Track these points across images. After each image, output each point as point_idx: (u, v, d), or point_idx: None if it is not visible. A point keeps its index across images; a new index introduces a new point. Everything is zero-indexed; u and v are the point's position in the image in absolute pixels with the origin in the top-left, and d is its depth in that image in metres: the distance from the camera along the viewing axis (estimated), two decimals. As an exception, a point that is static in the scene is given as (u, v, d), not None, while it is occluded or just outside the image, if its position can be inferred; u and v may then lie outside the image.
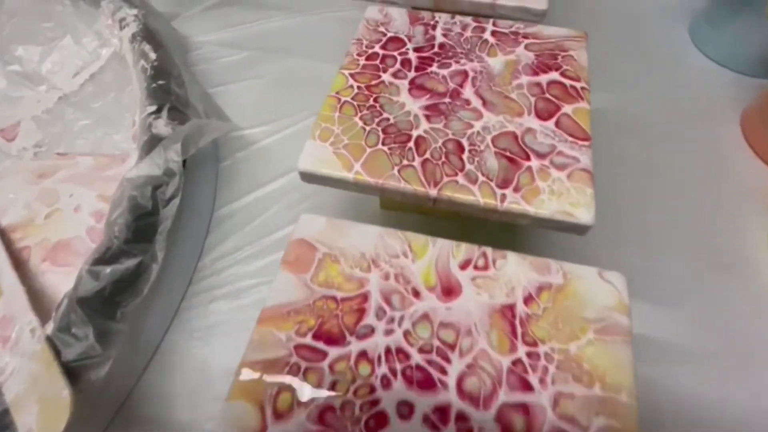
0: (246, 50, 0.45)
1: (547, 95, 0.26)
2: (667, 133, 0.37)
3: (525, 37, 0.29)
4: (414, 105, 0.26)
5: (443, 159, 0.23)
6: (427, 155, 0.24)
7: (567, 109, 0.25)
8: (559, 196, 0.22)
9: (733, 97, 0.40)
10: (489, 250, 0.20)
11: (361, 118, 0.25)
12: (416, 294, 0.19)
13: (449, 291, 0.19)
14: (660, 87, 0.41)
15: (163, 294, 0.29)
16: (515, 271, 0.19)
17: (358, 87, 0.27)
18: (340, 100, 0.26)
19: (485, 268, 0.20)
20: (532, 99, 0.26)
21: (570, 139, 0.24)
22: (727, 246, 0.32)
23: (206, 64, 0.44)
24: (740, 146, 0.37)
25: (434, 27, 0.30)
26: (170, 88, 0.34)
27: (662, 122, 0.38)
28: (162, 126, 0.30)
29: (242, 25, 0.47)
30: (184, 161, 0.30)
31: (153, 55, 0.35)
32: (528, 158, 0.23)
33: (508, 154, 0.23)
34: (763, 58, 0.40)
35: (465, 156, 0.23)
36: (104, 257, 0.25)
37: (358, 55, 0.29)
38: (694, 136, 0.37)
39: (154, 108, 0.31)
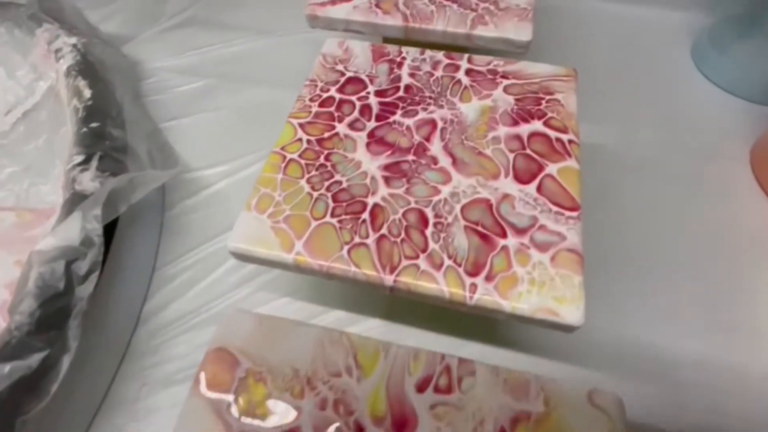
0: (204, 78, 0.41)
1: (529, 151, 0.22)
2: (667, 172, 0.33)
3: (504, 76, 0.25)
4: (372, 164, 0.22)
5: (403, 235, 0.20)
6: (384, 230, 0.20)
7: (551, 168, 0.21)
8: (540, 286, 0.18)
9: (741, 128, 0.36)
10: (454, 363, 0.16)
11: (308, 182, 0.21)
12: (360, 430, 0.15)
13: (402, 424, 0.15)
14: (660, 118, 0.37)
15: (83, 385, 0.25)
16: (485, 396, 0.16)
17: (308, 141, 0.23)
18: (285, 157, 0.22)
19: (448, 390, 0.16)
20: (511, 156, 0.22)
21: (554, 208, 0.20)
22: (736, 306, 0.28)
23: (160, 94, 0.40)
24: (751, 187, 0.33)
25: (400, 65, 0.26)
26: (105, 131, 0.30)
27: (662, 160, 0.34)
28: (87, 181, 0.26)
29: (202, 49, 0.43)
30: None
31: (88, 93, 0.31)
32: (504, 234, 0.19)
33: (480, 229, 0.20)
34: (773, 86, 0.37)
35: (429, 231, 0.20)
36: (2, 353, 0.21)
37: (311, 100, 0.25)
38: (699, 176, 0.33)
39: (81, 158, 0.27)
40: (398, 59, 0.27)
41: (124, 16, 0.48)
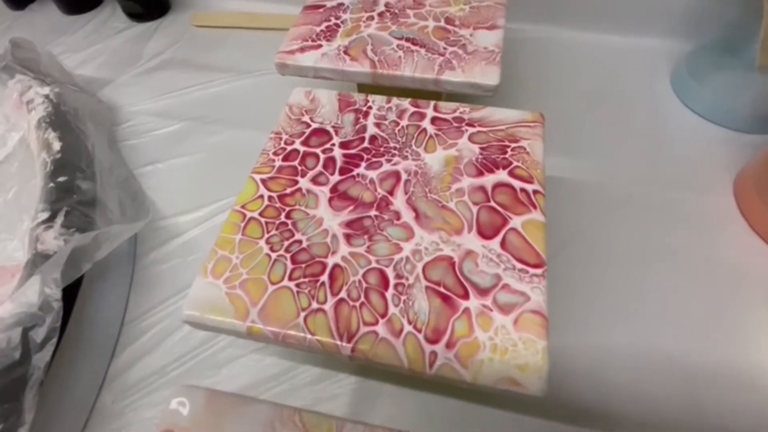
0: (181, 120, 0.41)
1: (493, 203, 0.22)
2: (650, 205, 0.33)
3: (470, 124, 0.25)
4: (333, 221, 0.22)
5: (362, 299, 0.19)
6: (343, 293, 0.19)
7: (516, 222, 0.21)
8: (503, 353, 0.17)
9: (724, 158, 0.35)
10: (411, 443, 0.16)
11: (267, 242, 0.21)
12: None
13: None
14: (641, 150, 0.36)
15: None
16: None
17: (270, 198, 0.23)
18: (245, 216, 0.22)
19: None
20: (474, 209, 0.22)
21: (519, 265, 0.20)
22: (722, 344, 0.27)
23: (136, 139, 0.40)
24: (735, 219, 0.32)
25: (366, 114, 0.26)
26: (73, 185, 0.30)
27: (645, 193, 0.34)
28: (51, 239, 0.26)
29: (179, 91, 0.43)
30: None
31: (57, 146, 0.31)
32: (466, 295, 0.19)
33: (441, 289, 0.19)
34: (756, 113, 0.36)
35: (389, 294, 0.19)
36: (-51, 430, 0.20)
37: (275, 153, 0.25)
38: (682, 209, 0.33)
39: (46, 215, 0.27)
40: (364, 108, 0.26)
41: (103, 59, 0.48)
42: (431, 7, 0.33)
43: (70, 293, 0.26)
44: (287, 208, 0.22)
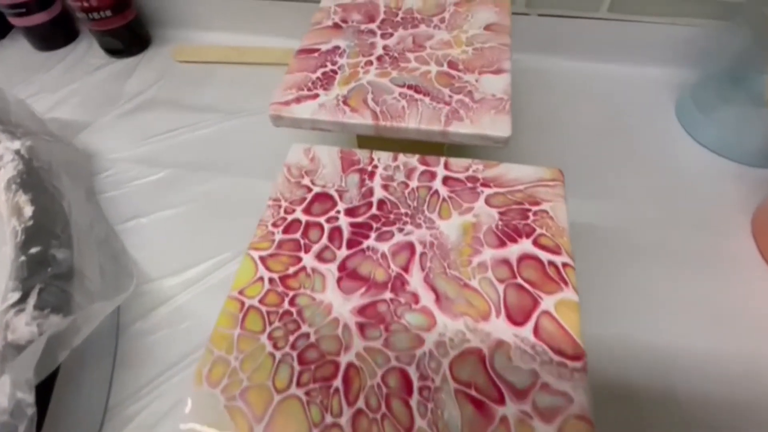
0: (166, 167, 0.38)
1: (520, 280, 0.20)
2: (665, 249, 0.31)
3: (485, 184, 0.23)
4: (344, 307, 0.19)
5: (383, 409, 0.17)
6: (361, 402, 0.17)
7: (548, 302, 0.19)
8: (549, 474, 0.15)
9: (738, 194, 0.34)
10: None
11: (270, 337, 0.19)
12: None
13: None
14: (650, 188, 0.35)
15: None
16: None
17: (271, 280, 0.20)
18: (243, 304, 0.20)
19: None
20: (500, 288, 0.20)
21: (556, 357, 0.18)
22: (752, 391, 0.26)
23: (117, 189, 0.37)
24: (754, 259, 0.31)
25: (372, 175, 0.24)
26: (47, 255, 0.27)
27: (659, 236, 0.32)
28: (22, 326, 0.23)
29: (163, 135, 0.41)
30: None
31: (29, 210, 0.28)
32: (502, 399, 0.17)
33: (473, 393, 0.17)
34: (766, 148, 0.35)
35: (414, 401, 0.17)
36: None
37: (275, 224, 0.22)
38: (699, 251, 0.31)
39: (17, 296, 0.24)
40: (369, 168, 0.24)
41: (80, 99, 0.45)
42: (432, 49, 0.31)
43: (45, 385, 0.24)
44: (291, 293, 0.20)
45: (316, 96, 0.29)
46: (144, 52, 0.49)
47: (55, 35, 0.50)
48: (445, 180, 0.24)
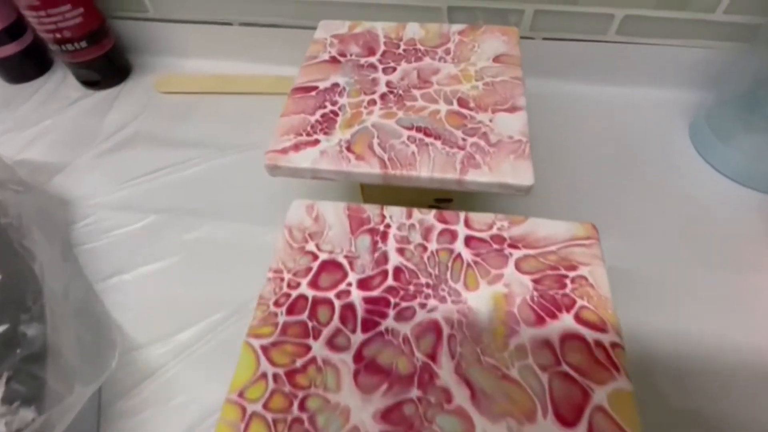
0: (151, 213, 0.35)
1: (565, 367, 0.17)
2: (686, 290, 0.29)
3: (514, 245, 0.21)
4: (364, 411, 0.17)
5: None
6: None
7: (599, 395, 0.17)
8: None
9: (762, 226, 0.32)
10: None
11: (280, 453, 0.16)
12: None
13: None
14: (668, 222, 0.33)
15: None
16: None
17: (276, 377, 0.17)
18: (244, 411, 0.17)
19: None
20: (544, 378, 0.17)
21: (618, 469, 0.15)
22: None
23: (97, 241, 0.34)
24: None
25: (385, 236, 0.22)
26: (17, 334, 0.23)
27: (678, 276, 0.30)
28: (-17, 429, 0.20)
29: (146, 176, 0.37)
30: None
31: (-6, 281, 0.25)
32: None
33: None
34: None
35: None
36: None
37: (277, 303, 0.19)
38: (726, 293, 0.29)
39: (-22, 389, 0.21)
40: (381, 227, 0.22)
41: (55, 137, 0.42)
42: (440, 85, 0.29)
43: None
44: (300, 393, 0.17)
45: (317, 142, 0.26)
46: (124, 83, 0.46)
47: (27, 67, 0.47)
48: (468, 240, 0.21)
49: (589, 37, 0.38)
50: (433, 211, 0.22)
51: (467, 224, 0.22)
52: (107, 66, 0.45)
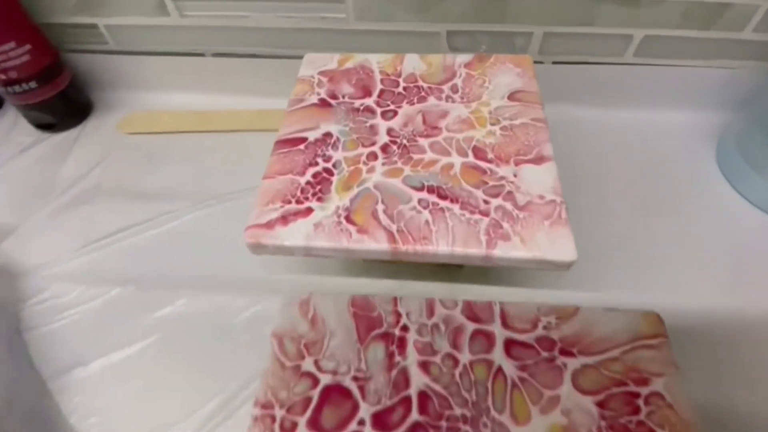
0: (115, 285, 0.29)
1: None
2: (730, 339, 0.25)
3: (567, 351, 0.17)
4: None
5: None
6: None
7: None
8: None
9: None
10: None
11: None
12: None
13: None
14: (702, 264, 0.29)
15: None
16: None
17: None
18: None
19: None
20: None
21: None
22: None
23: (52, 322, 0.28)
24: None
25: (402, 343, 0.17)
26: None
27: (722, 324, 0.26)
28: None
29: (111, 236, 0.32)
30: None
31: None
32: None
33: None
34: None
35: None
36: None
37: (270, 454, 0.15)
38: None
39: None
40: (396, 330, 0.18)
41: (4, 191, 0.36)
42: (450, 132, 0.25)
43: None
44: None
45: (309, 211, 0.22)
46: (83, 123, 0.40)
47: (-29, 108, 0.42)
48: (509, 346, 0.17)
49: (604, 60, 0.34)
50: (460, 304, 0.18)
51: (505, 322, 0.18)
52: (63, 106, 0.39)
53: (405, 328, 0.17)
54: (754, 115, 0.34)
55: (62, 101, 0.39)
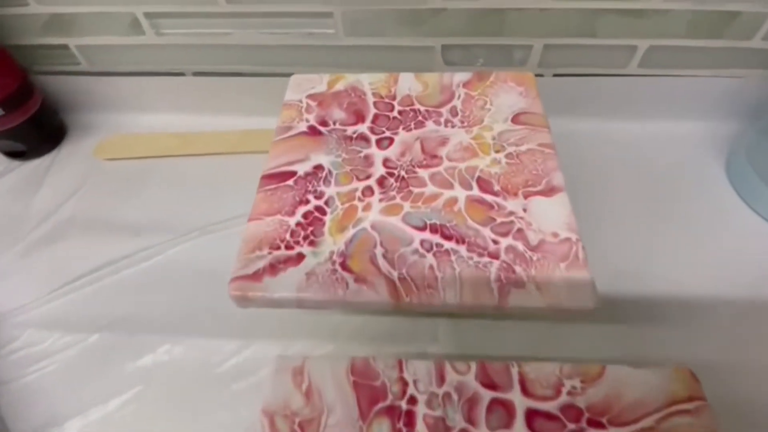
0: (93, 331, 0.27)
1: None
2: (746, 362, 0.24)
3: (596, 421, 0.14)
4: None
5: None
6: None
7: None
8: None
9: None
10: None
11: None
12: None
13: None
14: (717, 283, 0.27)
15: None
16: None
17: None
18: None
19: None
20: None
21: None
22: None
23: (23, 376, 0.26)
24: None
25: (411, 418, 0.15)
26: None
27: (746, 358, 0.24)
28: None
29: (88, 276, 0.29)
30: None
31: None
32: None
33: None
34: None
35: None
36: None
37: None
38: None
39: None
40: (404, 404, 0.16)
41: (-28, 227, 0.34)
42: (451, 161, 0.23)
43: None
44: None
45: (300, 258, 0.20)
46: (57, 149, 0.38)
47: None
48: (531, 417, 0.15)
49: (607, 71, 0.33)
50: (474, 367, 0.16)
51: (524, 388, 0.16)
52: (34, 132, 0.37)
53: (413, 400, 0.15)
54: (765, 127, 0.33)
55: (33, 127, 0.37)
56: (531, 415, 0.15)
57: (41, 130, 0.38)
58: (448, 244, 0.20)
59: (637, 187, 0.33)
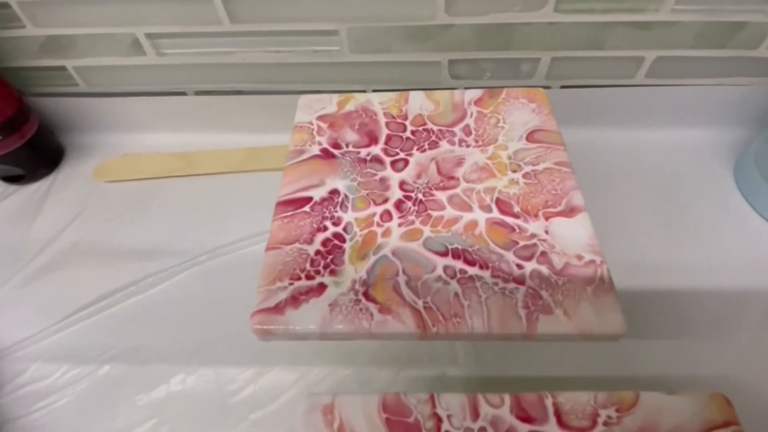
0: (102, 362, 0.26)
1: None
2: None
3: (636, 455, 0.15)
4: None
5: None
6: None
7: None
8: None
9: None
10: None
11: None
12: None
13: None
14: (731, 294, 0.27)
15: None
16: None
17: None
18: None
19: None
20: None
21: None
22: None
23: (31, 413, 0.25)
24: None
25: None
26: None
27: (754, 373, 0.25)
28: None
29: (94, 305, 0.29)
30: None
31: None
32: None
33: None
34: None
35: None
36: None
37: None
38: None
39: None
40: (440, 441, 0.15)
41: (-31, 257, 0.33)
42: (468, 182, 0.22)
43: None
44: None
45: (322, 288, 0.19)
46: (56, 172, 0.37)
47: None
48: (569, 453, 0.15)
49: (614, 82, 0.33)
50: (508, 401, 0.16)
51: (560, 420, 0.15)
52: (32, 155, 0.36)
53: (446, 436, 0.15)
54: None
55: (30, 150, 0.36)
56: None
57: (39, 154, 0.37)
58: (471, 270, 0.19)
59: (646, 196, 0.33)
